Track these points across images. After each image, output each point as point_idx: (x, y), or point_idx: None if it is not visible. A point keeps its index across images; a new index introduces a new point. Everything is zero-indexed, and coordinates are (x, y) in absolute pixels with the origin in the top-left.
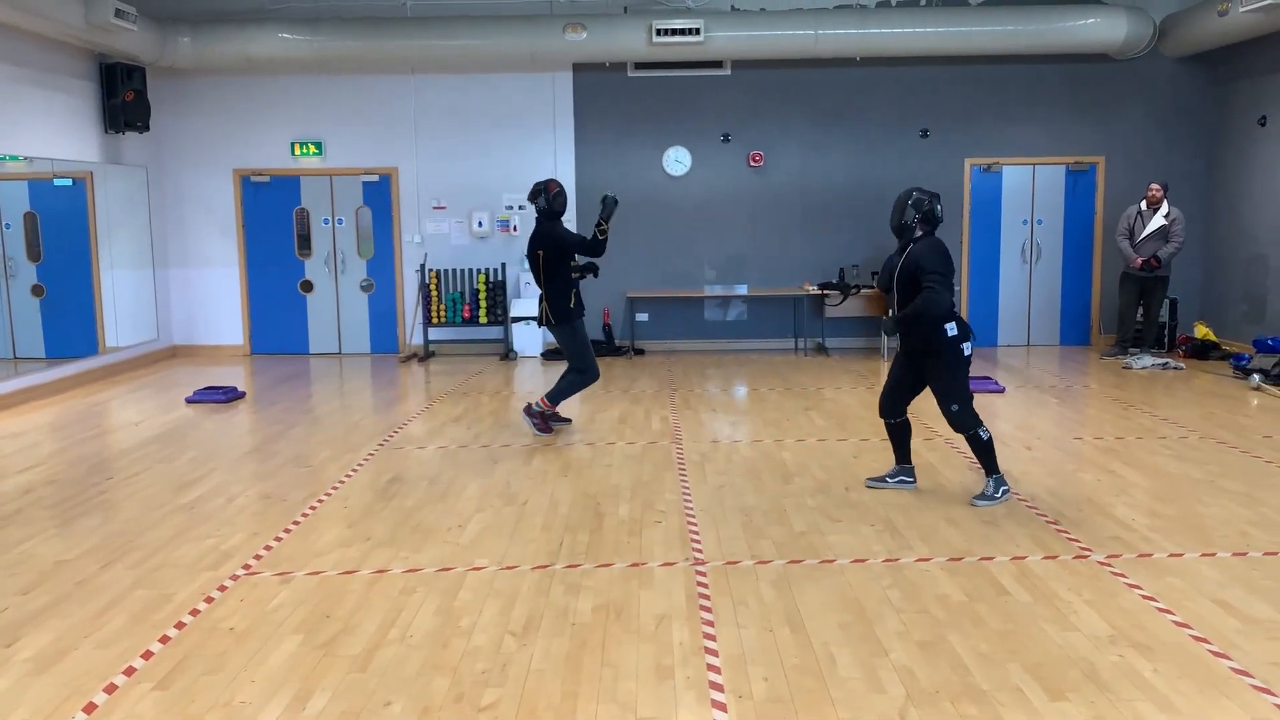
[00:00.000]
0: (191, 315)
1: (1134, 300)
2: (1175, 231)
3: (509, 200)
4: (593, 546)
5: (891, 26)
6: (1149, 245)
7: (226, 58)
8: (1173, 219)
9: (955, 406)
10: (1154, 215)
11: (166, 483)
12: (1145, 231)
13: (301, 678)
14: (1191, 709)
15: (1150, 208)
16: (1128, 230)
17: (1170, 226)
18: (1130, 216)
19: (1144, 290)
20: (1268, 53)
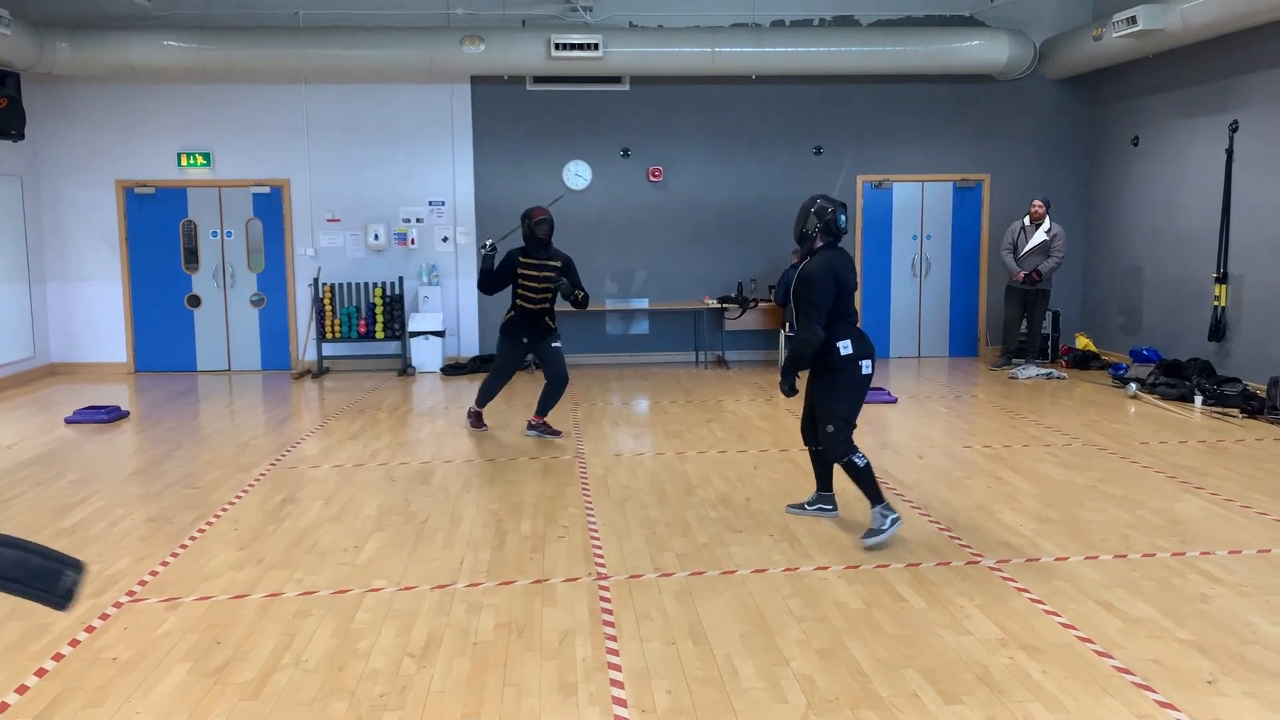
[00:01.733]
0: (71, 332)
1: (1018, 312)
2: (1056, 247)
3: (406, 213)
4: (494, 564)
5: (786, 45)
6: (1031, 259)
7: (108, 65)
8: (1054, 234)
9: (830, 428)
10: (1036, 231)
11: (44, 507)
12: (1028, 246)
13: (190, 708)
14: (1079, 708)
15: (1033, 223)
16: (1011, 245)
17: (1051, 242)
18: (1014, 231)
19: (1026, 303)
20: (1139, 76)
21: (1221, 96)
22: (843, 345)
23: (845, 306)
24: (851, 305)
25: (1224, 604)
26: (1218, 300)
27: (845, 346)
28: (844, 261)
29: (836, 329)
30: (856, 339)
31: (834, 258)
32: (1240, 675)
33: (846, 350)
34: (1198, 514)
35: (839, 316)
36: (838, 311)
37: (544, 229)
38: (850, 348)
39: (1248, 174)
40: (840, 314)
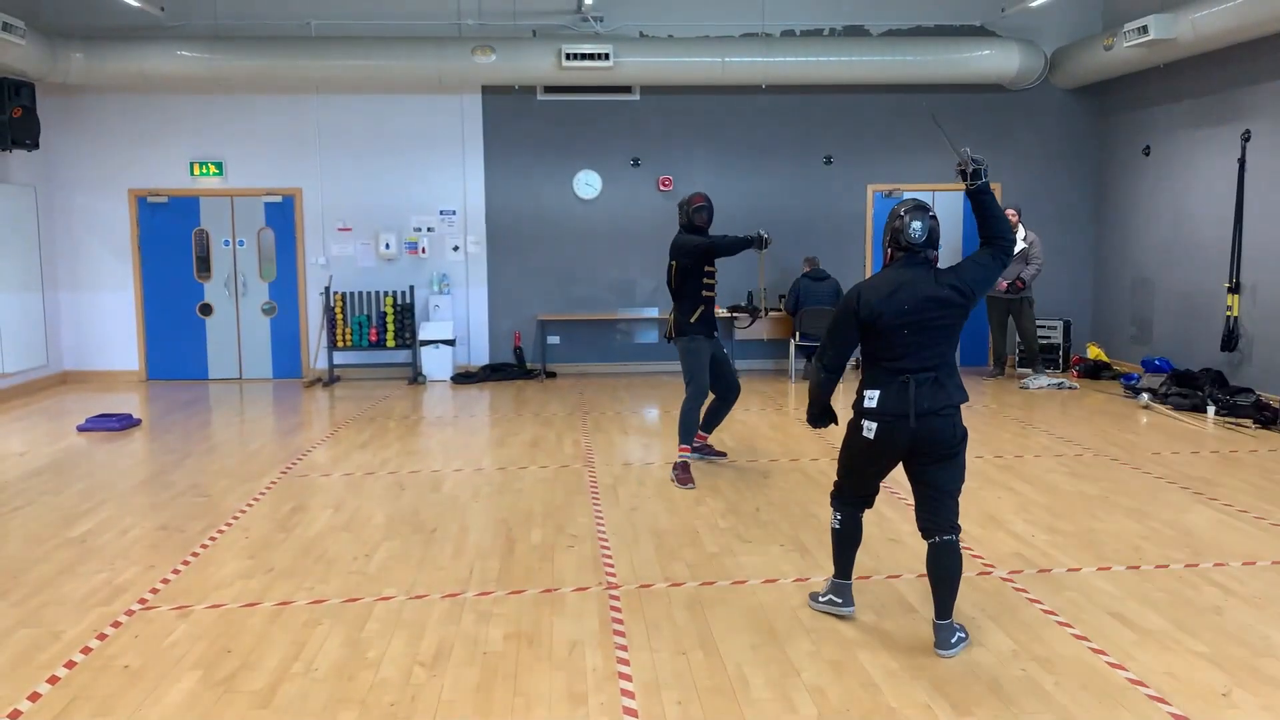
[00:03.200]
0: (83, 340)
1: (1003, 321)
2: (1034, 254)
3: (417, 222)
4: (504, 573)
5: (796, 55)
6: (1011, 268)
7: (121, 75)
8: (1030, 242)
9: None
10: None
11: (54, 515)
12: None
13: (200, 716)
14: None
15: None
16: None
17: (1030, 249)
18: None
19: (1011, 311)
20: (1150, 85)
21: (1233, 106)
22: (869, 396)
23: (882, 346)
24: (898, 347)
25: (1237, 616)
26: (1230, 310)
27: (870, 398)
28: (894, 287)
29: (870, 374)
30: (891, 391)
31: (878, 282)
32: (1255, 688)
33: (870, 403)
34: (1210, 525)
35: (875, 358)
36: (873, 352)
37: (703, 216)
38: (876, 401)
39: (1260, 183)
40: (876, 355)
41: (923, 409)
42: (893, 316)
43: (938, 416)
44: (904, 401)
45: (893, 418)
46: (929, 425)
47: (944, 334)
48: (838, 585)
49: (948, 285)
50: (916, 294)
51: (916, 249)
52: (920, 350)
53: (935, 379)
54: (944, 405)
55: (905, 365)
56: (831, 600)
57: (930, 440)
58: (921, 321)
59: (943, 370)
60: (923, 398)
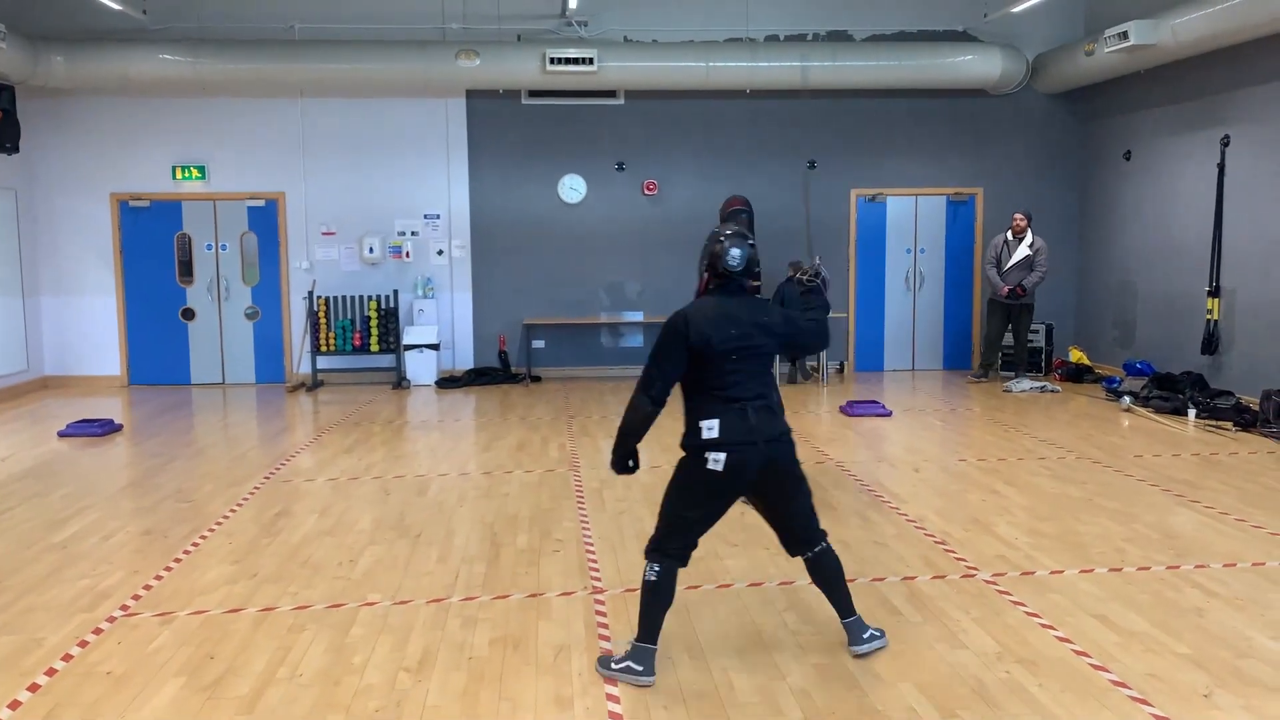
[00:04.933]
0: (65, 345)
1: (1001, 326)
2: (1039, 261)
3: (402, 226)
4: (490, 578)
5: (780, 60)
6: (1015, 274)
7: (103, 78)
8: (1037, 248)
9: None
10: (1019, 245)
11: (37, 521)
12: (1011, 261)
13: None
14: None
15: (1016, 237)
16: (995, 260)
17: (1035, 256)
18: (997, 246)
19: (1010, 316)
20: (1131, 91)
21: (1213, 111)
22: (707, 427)
23: (712, 374)
24: (728, 374)
25: (1219, 617)
26: (1210, 314)
27: (710, 429)
28: (720, 313)
29: (700, 404)
30: (730, 420)
31: (704, 308)
32: (1236, 689)
33: (710, 433)
34: (1192, 527)
35: (706, 387)
36: (701, 380)
37: (739, 221)
38: (717, 430)
39: (1239, 188)
40: (706, 383)
41: (768, 435)
42: (721, 342)
43: (779, 443)
44: (747, 429)
45: (739, 445)
46: (776, 451)
47: (768, 362)
48: (640, 650)
49: (776, 315)
50: (743, 320)
51: (734, 276)
52: (749, 378)
53: (767, 406)
54: (782, 431)
55: (738, 393)
56: (630, 667)
57: (778, 467)
58: (749, 348)
59: (771, 398)
60: (762, 424)
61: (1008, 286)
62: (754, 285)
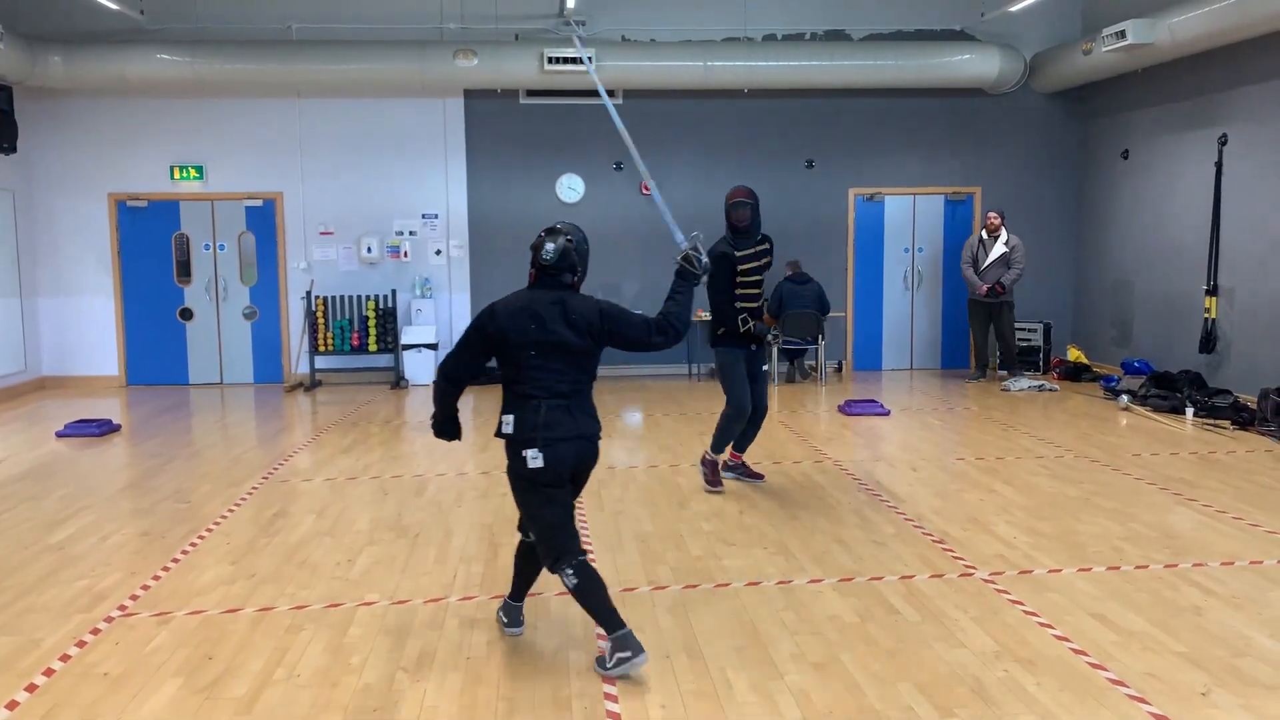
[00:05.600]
0: (63, 345)
1: (984, 326)
2: (1016, 258)
3: (399, 226)
4: (488, 578)
5: (778, 59)
6: (992, 272)
7: (101, 78)
8: (1013, 246)
9: (531, 534)
10: (995, 243)
11: (34, 522)
12: (988, 260)
13: None
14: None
15: (991, 236)
16: (971, 259)
17: (1011, 254)
18: (972, 246)
19: (991, 315)
20: (1129, 90)
21: (1210, 110)
22: (505, 421)
23: (512, 370)
24: (530, 370)
25: (1217, 616)
26: (1208, 313)
27: (507, 423)
28: (523, 307)
29: (505, 397)
30: (525, 416)
31: (511, 301)
32: (1234, 688)
33: (507, 429)
34: (1190, 526)
35: (511, 380)
36: (509, 376)
37: (740, 213)
38: (511, 426)
39: (1237, 187)
40: (507, 377)
41: (569, 433)
42: (519, 336)
43: (587, 442)
44: (543, 425)
45: (553, 441)
46: (586, 450)
47: (579, 360)
48: (618, 639)
49: (580, 317)
50: (549, 315)
51: (549, 270)
52: (552, 375)
53: (566, 406)
54: (590, 433)
55: (534, 390)
56: (620, 659)
57: (588, 458)
58: (550, 344)
59: (574, 399)
60: (555, 422)
61: (986, 285)
62: (574, 281)
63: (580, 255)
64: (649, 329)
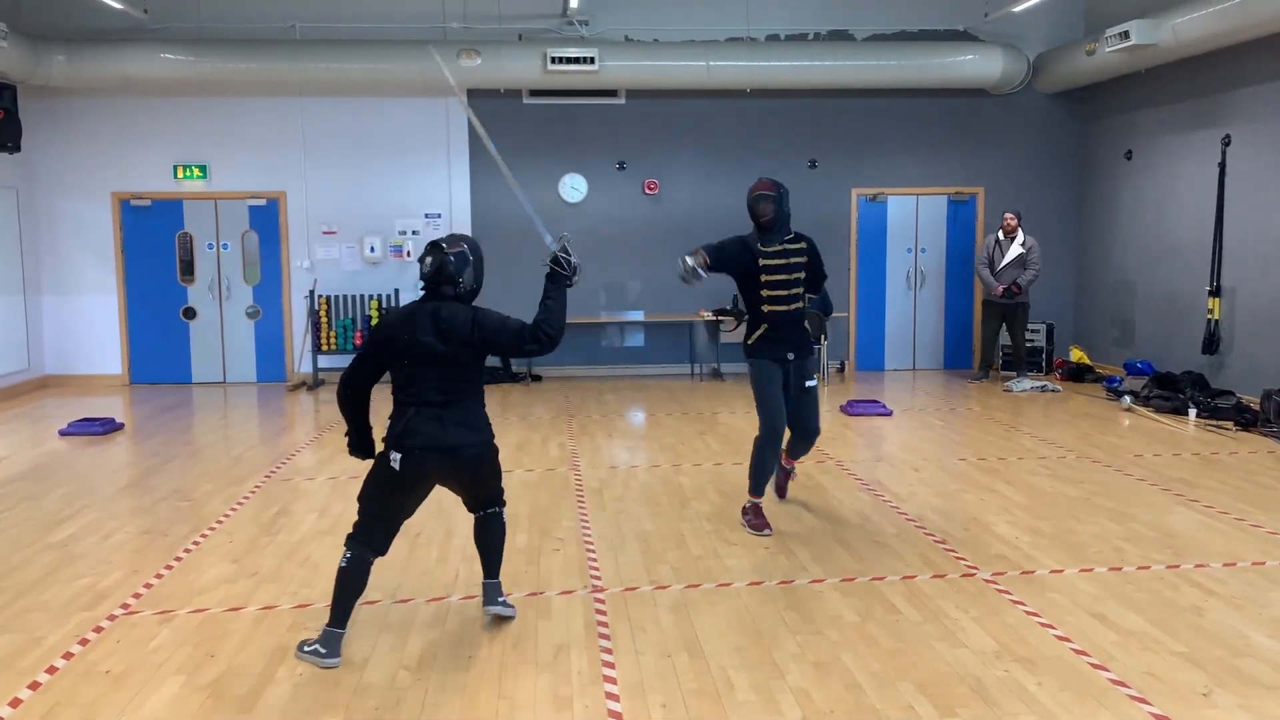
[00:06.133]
0: (66, 344)
1: (997, 326)
2: (1032, 259)
3: (403, 225)
4: None
5: (781, 59)
6: (1008, 273)
7: (104, 77)
8: (1029, 247)
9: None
10: (1011, 244)
11: (36, 520)
12: (1004, 260)
13: None
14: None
15: (1007, 237)
16: (987, 259)
17: (1027, 255)
18: (989, 246)
19: (1006, 316)
20: (1132, 90)
21: (1214, 111)
22: (387, 424)
23: (394, 375)
24: (401, 376)
25: (1218, 617)
26: (1211, 313)
27: (388, 427)
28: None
29: (394, 402)
30: (399, 423)
31: (400, 310)
32: (1234, 688)
33: (388, 432)
34: (1191, 527)
35: (394, 386)
36: (393, 382)
37: (763, 208)
38: (389, 430)
39: (1240, 188)
40: (394, 383)
41: (439, 444)
42: (395, 343)
43: (457, 453)
44: (410, 432)
45: (416, 449)
46: (456, 460)
47: (451, 368)
48: (329, 634)
49: (450, 326)
50: (422, 325)
51: (428, 284)
52: (424, 383)
53: (438, 415)
54: (461, 443)
55: (407, 397)
56: (317, 650)
57: (462, 469)
58: (421, 353)
59: (449, 409)
60: (425, 430)
61: (1002, 286)
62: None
63: (460, 268)
64: (521, 336)
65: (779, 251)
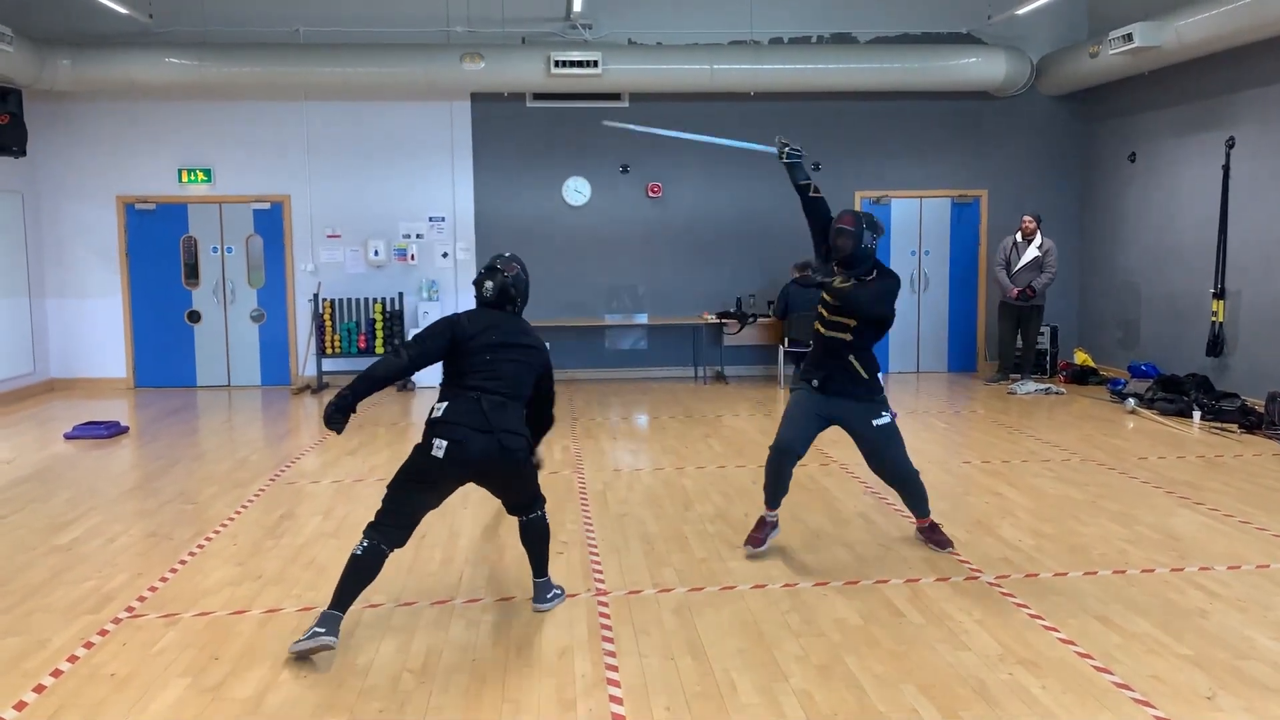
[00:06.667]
0: (71, 347)
1: (1013, 328)
2: (1049, 262)
3: (406, 229)
4: (493, 580)
5: (784, 62)
6: (1024, 275)
7: (109, 81)
8: (1046, 250)
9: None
10: (1028, 246)
11: (41, 523)
12: (1021, 262)
13: None
14: None
15: (1025, 239)
16: (1004, 261)
17: (1044, 257)
18: (1006, 248)
19: (1020, 318)
20: (1136, 92)
21: (1218, 113)
22: (438, 407)
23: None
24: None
25: (1222, 619)
26: (1215, 316)
27: (439, 409)
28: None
29: (446, 385)
30: (458, 407)
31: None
32: (1239, 691)
33: (437, 413)
34: (1195, 529)
35: (454, 373)
36: (453, 367)
37: (841, 241)
38: (442, 413)
39: (1244, 190)
40: (454, 370)
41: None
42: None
43: (507, 439)
44: (471, 418)
45: (468, 431)
46: (501, 449)
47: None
48: (329, 615)
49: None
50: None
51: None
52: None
53: (501, 404)
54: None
55: (473, 383)
56: (314, 631)
57: (507, 462)
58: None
59: (511, 403)
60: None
61: (1017, 288)
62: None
63: (520, 288)
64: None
65: (851, 288)
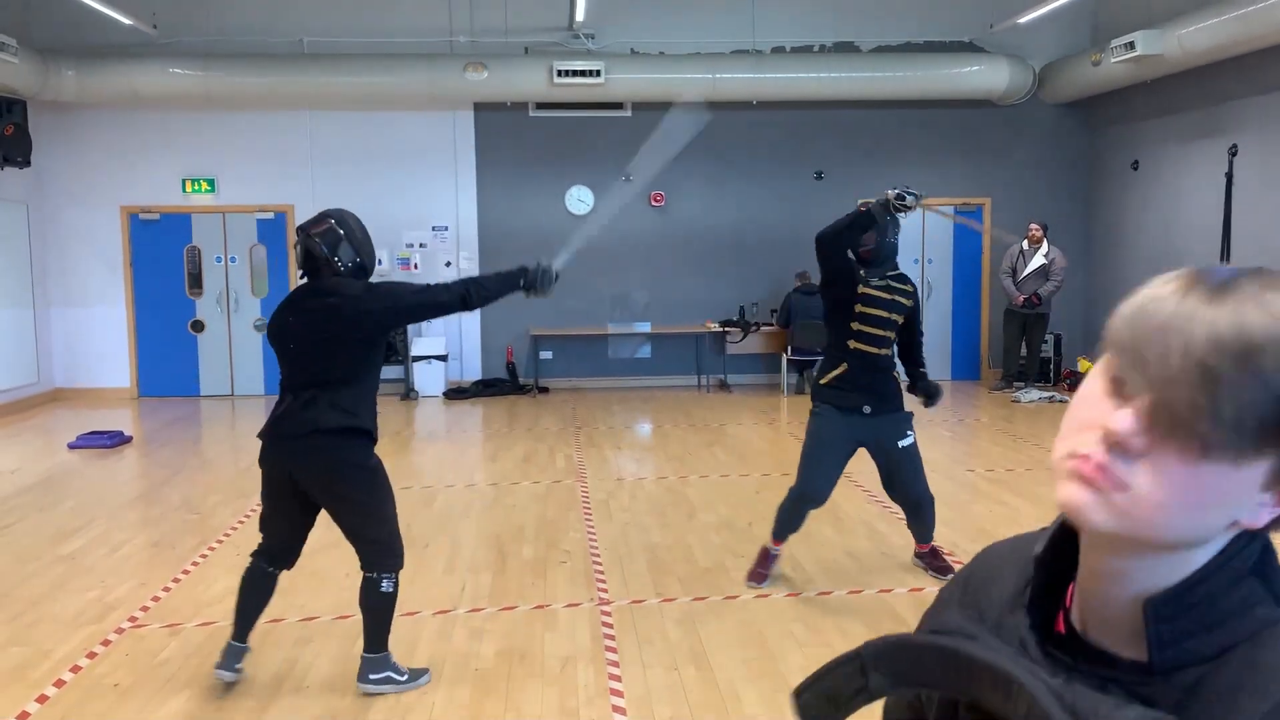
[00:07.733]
0: (75, 357)
1: (1017, 336)
2: (1055, 270)
3: (410, 238)
4: (496, 589)
5: (786, 71)
6: (1030, 283)
7: (113, 92)
8: (1052, 258)
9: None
10: (1035, 254)
11: (44, 533)
12: (1027, 270)
13: None
14: None
15: (1031, 247)
16: (1010, 269)
17: (1050, 265)
18: (1013, 255)
19: (1025, 326)
20: (1138, 101)
21: (1220, 121)
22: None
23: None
24: (284, 366)
25: None
26: None
27: None
28: (281, 305)
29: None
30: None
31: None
32: None
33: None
34: None
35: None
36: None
37: (864, 235)
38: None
39: (1247, 198)
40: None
41: (283, 431)
42: (282, 337)
43: (298, 440)
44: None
45: (268, 437)
46: (290, 449)
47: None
48: (229, 647)
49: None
50: (297, 308)
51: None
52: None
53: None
54: (308, 430)
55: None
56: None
57: (302, 471)
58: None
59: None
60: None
61: (1023, 296)
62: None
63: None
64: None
65: (883, 287)
